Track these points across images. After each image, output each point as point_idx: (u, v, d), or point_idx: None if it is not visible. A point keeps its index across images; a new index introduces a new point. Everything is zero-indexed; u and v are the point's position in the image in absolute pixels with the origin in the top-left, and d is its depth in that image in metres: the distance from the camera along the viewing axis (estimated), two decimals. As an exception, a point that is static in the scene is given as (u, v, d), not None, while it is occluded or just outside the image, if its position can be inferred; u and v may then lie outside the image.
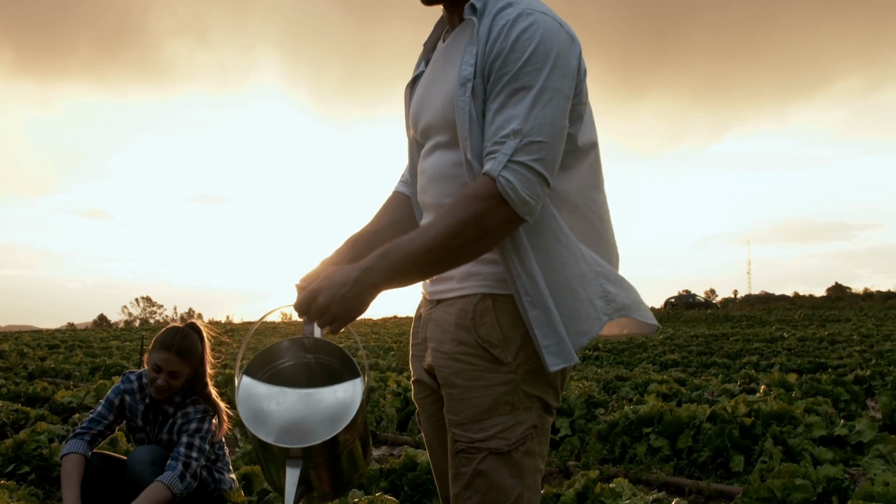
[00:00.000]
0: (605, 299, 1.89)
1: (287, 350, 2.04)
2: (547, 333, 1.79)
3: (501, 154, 1.72)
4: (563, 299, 1.82)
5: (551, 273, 1.82)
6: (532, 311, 1.80)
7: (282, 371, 2.02)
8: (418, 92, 2.07)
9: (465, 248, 1.78)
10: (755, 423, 5.88)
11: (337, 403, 1.94)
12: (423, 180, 2.03)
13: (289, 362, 2.03)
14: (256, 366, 2.01)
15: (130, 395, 3.85)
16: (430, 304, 2.03)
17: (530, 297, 1.80)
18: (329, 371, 2.01)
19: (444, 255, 1.78)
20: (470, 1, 1.86)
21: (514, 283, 1.81)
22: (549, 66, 1.75)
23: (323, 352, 2.02)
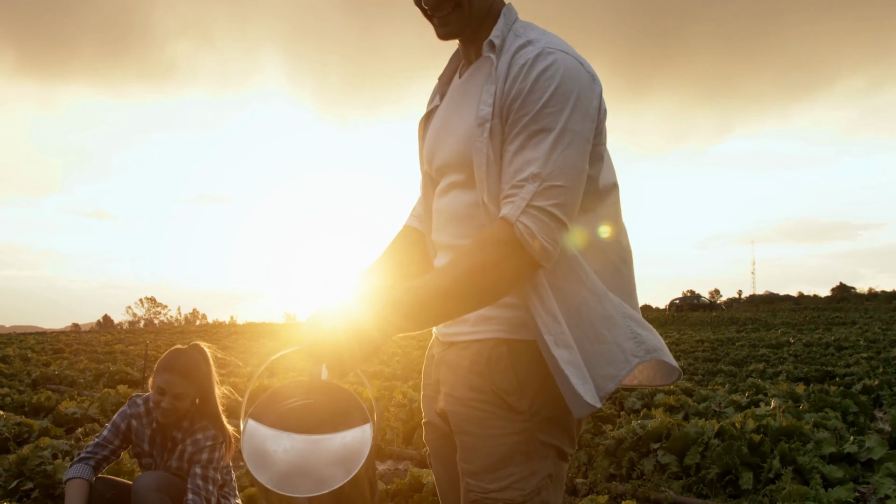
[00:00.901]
0: (636, 341, 1.82)
1: (294, 393, 1.99)
2: (575, 372, 1.72)
3: (520, 198, 1.67)
4: (587, 342, 1.76)
5: (574, 315, 1.76)
6: (557, 349, 1.72)
7: (289, 415, 1.97)
8: (433, 128, 2.02)
9: (481, 294, 1.73)
10: (764, 440, 5.83)
11: (345, 450, 1.89)
12: (439, 220, 1.98)
13: (296, 406, 1.99)
14: (262, 409, 1.96)
15: (137, 419, 3.80)
16: (443, 345, 1.98)
17: (553, 336, 1.73)
18: (337, 415, 1.97)
19: (459, 301, 1.72)
20: (489, 38, 1.82)
21: (535, 323, 1.74)
22: (569, 107, 1.70)
23: (331, 395, 1.97)
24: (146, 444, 3.79)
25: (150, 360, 15.41)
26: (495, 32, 1.83)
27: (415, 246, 2.16)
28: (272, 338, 32.64)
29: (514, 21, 1.89)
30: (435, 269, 1.80)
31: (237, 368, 13.84)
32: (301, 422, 1.96)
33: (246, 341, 27.29)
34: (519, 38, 1.81)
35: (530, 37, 1.80)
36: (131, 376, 13.48)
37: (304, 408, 1.98)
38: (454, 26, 1.88)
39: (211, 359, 3.82)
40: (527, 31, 1.84)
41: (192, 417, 3.74)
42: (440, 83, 2.08)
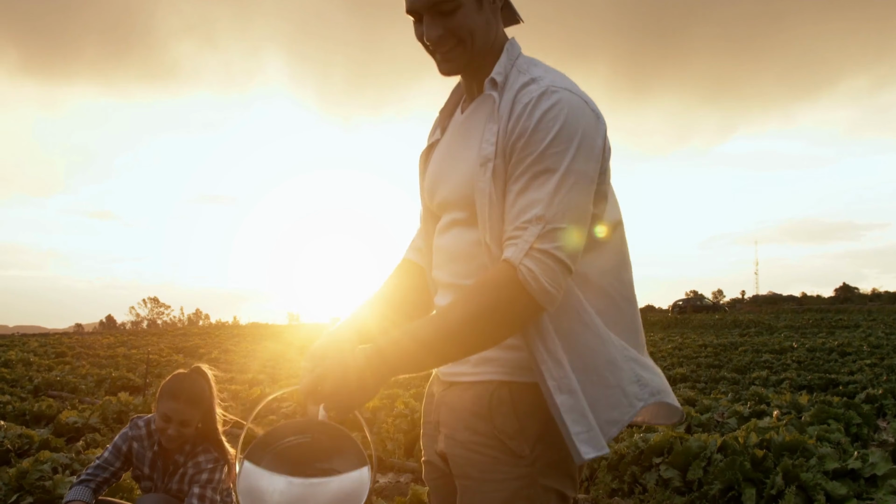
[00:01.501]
0: (640, 384, 1.81)
1: (290, 432, 1.96)
2: (577, 420, 1.70)
3: (523, 241, 1.64)
4: (591, 386, 1.74)
5: (577, 359, 1.74)
6: (559, 395, 1.70)
7: (285, 455, 1.95)
8: (435, 163, 1.99)
9: (482, 337, 1.71)
10: (767, 455, 5.80)
11: (342, 494, 1.87)
12: (439, 257, 1.96)
13: (292, 445, 1.96)
14: (258, 449, 1.94)
15: (138, 441, 3.78)
16: (443, 384, 1.95)
17: (556, 381, 1.70)
18: (334, 458, 1.95)
19: (460, 344, 1.70)
20: (491, 75, 1.80)
21: (538, 368, 1.72)
22: (574, 147, 1.67)
23: (328, 437, 1.95)
24: (147, 466, 3.77)
25: (152, 365, 15.42)
26: (497, 69, 1.81)
27: (414, 281, 2.14)
28: (275, 339, 32.65)
29: (518, 57, 1.86)
30: (436, 312, 1.78)
31: (239, 375, 13.83)
32: (297, 464, 1.94)
33: (248, 344, 27.29)
34: (522, 74, 1.79)
35: (534, 74, 1.78)
36: (133, 382, 13.47)
37: (300, 448, 1.95)
38: (457, 63, 1.85)
39: (213, 380, 3.79)
40: (530, 67, 1.82)
41: (193, 440, 3.71)
42: (441, 116, 2.05)
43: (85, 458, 6.35)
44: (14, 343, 28.32)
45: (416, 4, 1.79)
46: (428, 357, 1.70)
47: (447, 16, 1.78)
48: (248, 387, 11.62)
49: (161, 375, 14.77)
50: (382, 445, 7.42)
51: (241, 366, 17.05)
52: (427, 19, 1.80)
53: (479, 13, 1.81)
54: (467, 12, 1.78)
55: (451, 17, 1.78)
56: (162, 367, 16.62)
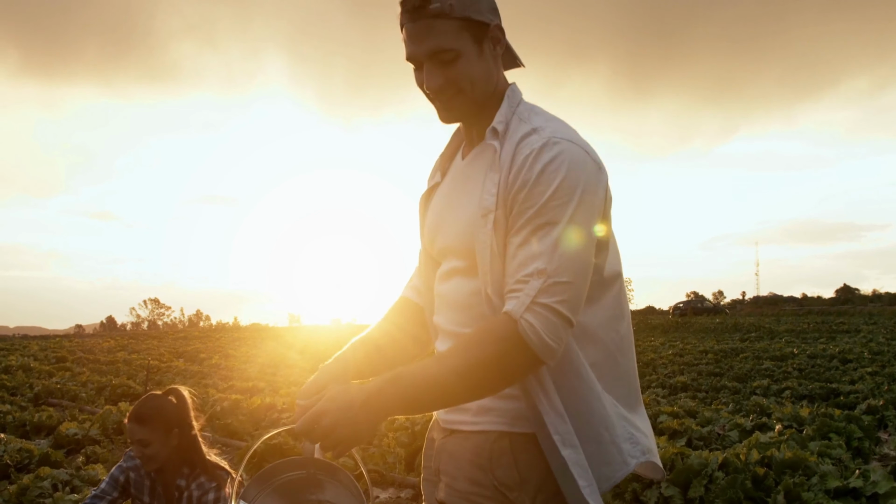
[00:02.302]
0: (632, 442, 1.82)
1: (287, 472, 1.96)
2: (582, 474, 1.71)
3: (524, 294, 1.63)
4: (587, 442, 1.75)
5: (575, 414, 1.74)
6: (564, 449, 1.70)
7: (281, 494, 1.94)
8: (434, 209, 1.99)
9: (480, 387, 1.71)
10: (768, 474, 5.79)
11: None
12: (440, 304, 1.96)
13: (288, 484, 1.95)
14: (255, 491, 1.93)
15: (135, 471, 3.77)
16: (443, 431, 1.95)
17: (560, 435, 1.71)
18: (330, 495, 1.94)
19: (458, 392, 1.70)
20: (492, 124, 1.79)
21: (540, 420, 1.72)
22: (575, 200, 1.67)
23: (325, 475, 1.94)
24: (146, 495, 3.75)
25: (152, 371, 15.40)
26: (499, 118, 1.80)
27: (411, 319, 2.13)
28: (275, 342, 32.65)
29: (519, 104, 1.85)
30: (435, 358, 1.77)
31: (239, 383, 13.81)
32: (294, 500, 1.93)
33: (248, 349, 27.25)
34: (523, 123, 1.78)
35: (535, 124, 1.77)
36: (133, 390, 13.45)
37: (296, 483, 1.94)
38: (457, 111, 1.85)
39: (188, 401, 3.76)
40: (531, 116, 1.81)
41: (189, 462, 3.69)
42: (442, 160, 2.05)
43: (85, 474, 6.34)
44: (15, 347, 28.29)
45: (417, 53, 1.79)
46: (426, 401, 1.70)
47: (448, 65, 1.78)
48: (249, 395, 11.60)
49: (161, 382, 14.75)
50: (383, 459, 7.40)
51: (241, 372, 17.05)
52: (427, 67, 1.79)
53: (480, 61, 1.80)
54: (468, 61, 1.78)
55: (452, 66, 1.78)
56: (162, 374, 16.61)
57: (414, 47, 1.78)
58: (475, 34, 1.78)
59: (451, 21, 1.75)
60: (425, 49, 1.76)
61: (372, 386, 1.66)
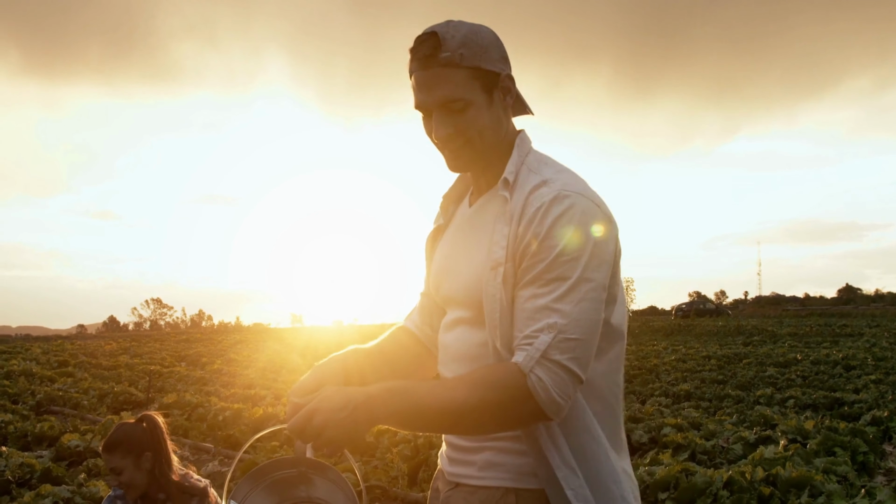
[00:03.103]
0: (634, 495, 1.81)
1: (279, 471, 1.92)
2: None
3: (534, 349, 1.61)
4: (597, 495, 1.72)
5: (586, 469, 1.72)
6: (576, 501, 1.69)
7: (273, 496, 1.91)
8: (441, 256, 1.98)
9: (475, 427, 1.70)
10: (773, 494, 5.76)
11: None
12: (445, 355, 1.94)
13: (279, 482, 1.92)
14: (246, 489, 1.90)
15: (121, 499, 3.79)
16: (447, 483, 1.93)
17: (574, 490, 1.69)
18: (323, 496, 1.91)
19: (453, 425, 1.70)
20: (503, 175, 1.77)
21: (552, 476, 1.70)
22: (586, 256, 1.65)
23: (317, 474, 1.91)
24: None
25: (155, 377, 15.38)
26: (509, 168, 1.78)
27: (408, 344, 2.12)
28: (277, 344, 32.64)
29: (528, 153, 1.83)
30: (438, 384, 1.75)
31: (241, 391, 13.79)
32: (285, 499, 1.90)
33: (250, 352, 27.24)
34: (533, 173, 1.76)
35: (545, 176, 1.75)
36: (135, 397, 13.44)
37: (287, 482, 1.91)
38: (465, 160, 1.83)
39: (162, 427, 3.76)
40: (541, 167, 1.79)
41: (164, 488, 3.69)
42: (446, 201, 2.03)
43: (87, 490, 6.32)
44: (17, 349, 28.28)
45: (426, 102, 1.77)
46: (418, 421, 1.68)
47: (457, 114, 1.76)
48: (251, 404, 11.59)
49: (163, 389, 14.73)
50: (385, 474, 7.35)
51: (243, 378, 17.00)
52: (437, 116, 1.77)
53: (490, 111, 1.79)
54: (477, 111, 1.76)
55: (461, 116, 1.76)
56: (164, 380, 16.57)
57: (423, 96, 1.76)
58: (485, 84, 1.76)
59: (462, 70, 1.73)
60: (435, 98, 1.75)
61: (369, 391, 1.63)
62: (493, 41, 1.79)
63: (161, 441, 3.69)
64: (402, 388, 1.67)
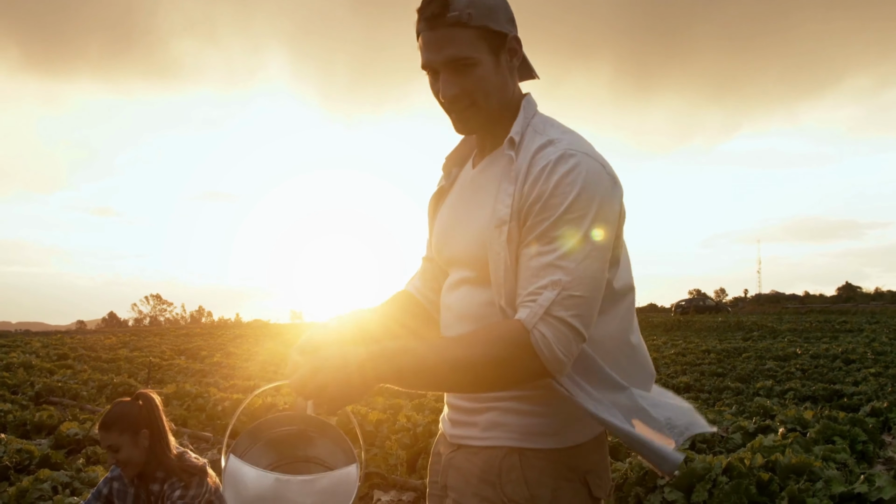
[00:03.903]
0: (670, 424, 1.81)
1: (277, 426, 1.92)
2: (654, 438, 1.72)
3: (538, 305, 1.62)
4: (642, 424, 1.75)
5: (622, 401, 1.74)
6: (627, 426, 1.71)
7: (272, 449, 1.91)
8: (444, 217, 1.97)
9: (479, 384, 1.70)
10: (773, 479, 5.75)
11: (330, 491, 1.83)
12: (448, 316, 1.94)
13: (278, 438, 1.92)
14: (245, 444, 1.89)
15: (118, 480, 3.80)
16: (450, 445, 1.93)
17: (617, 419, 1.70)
18: (322, 453, 1.92)
19: (454, 382, 1.70)
20: (509, 134, 1.78)
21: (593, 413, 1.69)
22: (591, 214, 1.65)
23: (317, 432, 1.92)
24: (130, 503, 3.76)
25: (154, 369, 15.38)
26: (515, 128, 1.78)
27: (409, 307, 2.13)
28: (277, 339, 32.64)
29: (534, 115, 1.84)
30: (441, 342, 1.76)
31: (241, 382, 13.79)
32: (284, 458, 1.90)
33: (250, 346, 27.25)
34: (538, 135, 1.77)
35: (551, 136, 1.75)
36: (135, 388, 13.39)
37: (287, 439, 1.91)
38: (472, 122, 1.83)
39: (158, 404, 3.77)
40: (546, 128, 1.79)
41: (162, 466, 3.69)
42: (449, 163, 2.03)
43: (85, 475, 6.32)
44: (16, 343, 28.29)
45: (433, 61, 1.77)
46: (420, 379, 1.69)
47: (464, 74, 1.76)
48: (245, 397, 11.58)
49: (163, 381, 14.74)
50: (384, 462, 7.35)
51: (243, 370, 17.02)
52: (444, 76, 1.77)
53: (496, 72, 1.79)
54: (484, 71, 1.76)
55: (468, 76, 1.76)
56: (164, 372, 16.58)
57: (430, 55, 1.76)
58: (492, 44, 1.77)
59: (469, 30, 1.73)
60: (442, 57, 1.75)
61: (372, 350, 1.65)
62: (501, 2, 1.79)
63: (157, 419, 3.70)
64: (405, 347, 1.67)
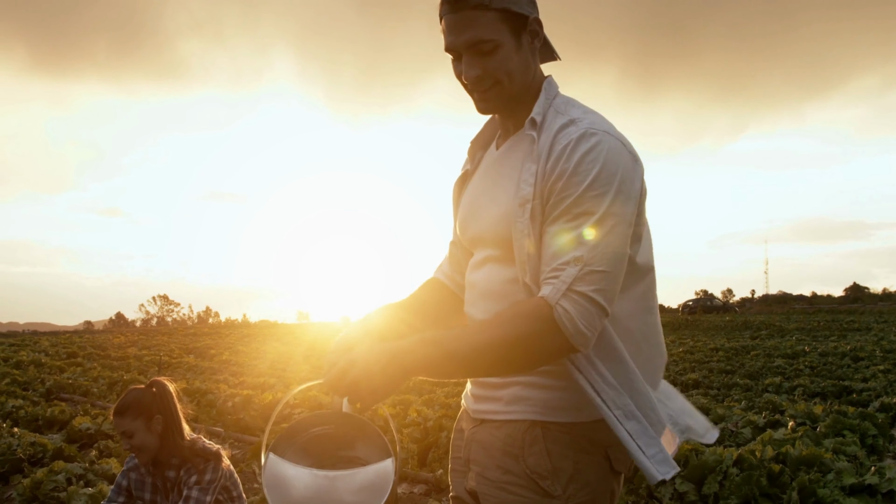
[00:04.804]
0: (672, 421, 1.87)
1: (314, 424, 1.96)
2: (649, 443, 1.72)
3: (560, 281, 1.65)
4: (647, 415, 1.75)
5: (629, 391, 1.75)
6: (627, 422, 1.72)
7: (309, 448, 1.95)
8: (468, 198, 2.01)
9: (507, 365, 1.73)
10: (783, 471, 5.76)
11: (367, 487, 1.87)
12: (473, 294, 1.97)
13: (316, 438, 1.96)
14: (283, 442, 1.93)
15: (135, 471, 3.84)
16: (473, 421, 1.96)
17: (621, 409, 1.72)
18: (358, 449, 1.95)
19: (485, 366, 1.73)
20: (530, 115, 1.81)
21: (600, 398, 1.72)
22: (612, 191, 1.68)
23: (352, 428, 1.95)
24: (148, 492, 3.81)
25: (164, 367, 15.44)
26: (537, 109, 1.82)
27: (440, 297, 2.16)
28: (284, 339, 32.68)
29: (555, 96, 1.87)
30: (467, 328, 1.79)
31: (250, 378, 13.83)
32: (322, 456, 1.94)
33: (258, 344, 27.33)
34: (560, 115, 1.80)
35: (573, 115, 1.78)
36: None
37: (324, 438, 1.95)
38: (494, 102, 1.86)
39: (172, 392, 3.80)
40: (568, 108, 1.82)
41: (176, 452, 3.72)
42: (474, 147, 2.07)
43: (99, 468, 6.35)
44: (25, 343, 28.38)
45: (456, 44, 1.80)
46: (451, 368, 1.72)
47: (486, 56, 1.79)
48: (260, 391, 11.62)
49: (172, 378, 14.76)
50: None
51: (252, 368, 17.06)
52: (466, 59, 1.81)
53: (518, 54, 1.82)
54: (507, 53, 1.79)
55: (491, 58, 1.79)
56: (173, 370, 16.64)
57: (453, 38, 1.79)
58: (514, 26, 1.79)
59: (491, 13, 1.76)
60: (464, 40, 1.78)
61: (401, 344, 1.69)
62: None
63: (171, 405, 3.73)
64: (432, 338, 1.70)
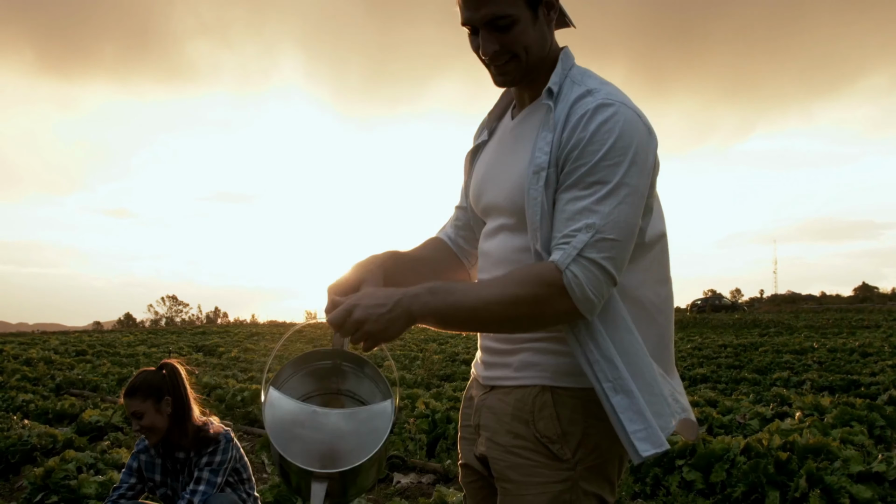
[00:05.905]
0: (673, 398, 1.86)
1: (316, 362, 1.98)
2: (634, 419, 1.73)
3: (571, 247, 1.67)
4: (643, 392, 1.76)
5: (630, 364, 1.76)
6: (614, 396, 1.73)
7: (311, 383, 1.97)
8: (482, 167, 2.03)
9: (512, 324, 1.76)
10: (791, 458, 5.76)
11: (367, 425, 1.88)
12: (486, 262, 1.99)
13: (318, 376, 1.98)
14: (284, 378, 1.95)
15: (145, 453, 3.88)
16: (483, 388, 1.99)
17: (611, 382, 1.73)
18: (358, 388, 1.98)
19: (489, 322, 1.76)
20: (547, 84, 1.82)
21: (591, 370, 1.74)
22: (627, 161, 1.70)
23: (351, 366, 1.97)
24: (158, 474, 3.85)
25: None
26: (553, 79, 1.83)
27: (446, 251, 2.19)
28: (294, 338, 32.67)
29: (571, 67, 1.89)
30: (476, 283, 1.83)
31: (259, 374, 13.85)
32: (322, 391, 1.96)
33: (267, 342, 27.40)
34: (577, 85, 1.82)
35: (589, 86, 1.81)
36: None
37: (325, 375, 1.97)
38: (512, 75, 1.88)
39: (182, 374, 3.83)
40: (584, 78, 1.84)
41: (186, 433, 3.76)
42: (489, 118, 2.09)
43: (109, 457, 6.40)
44: (35, 341, 28.48)
45: (473, 18, 1.81)
46: (456, 319, 1.75)
47: (503, 30, 1.80)
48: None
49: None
50: (404, 446, 7.42)
51: (260, 365, 17.09)
52: (483, 33, 1.82)
53: (535, 27, 1.83)
54: (523, 27, 1.81)
55: (507, 32, 1.80)
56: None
57: (470, 13, 1.81)
58: (530, 0, 1.81)
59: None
60: (482, 15, 1.79)
61: (408, 289, 1.71)
62: None
63: (181, 387, 3.77)
64: (441, 286, 1.74)
